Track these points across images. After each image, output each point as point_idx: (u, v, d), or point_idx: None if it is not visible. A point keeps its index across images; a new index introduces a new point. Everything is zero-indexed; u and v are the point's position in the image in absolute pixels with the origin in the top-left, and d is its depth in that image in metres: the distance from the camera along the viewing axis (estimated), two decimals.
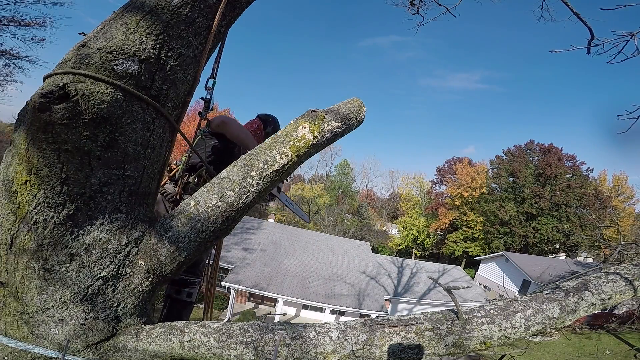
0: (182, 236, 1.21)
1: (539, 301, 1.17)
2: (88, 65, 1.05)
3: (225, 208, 1.23)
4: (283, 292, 15.90)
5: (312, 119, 1.36)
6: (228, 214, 1.24)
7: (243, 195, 1.25)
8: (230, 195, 1.24)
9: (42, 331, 1.12)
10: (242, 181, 1.25)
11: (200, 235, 1.23)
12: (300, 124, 1.34)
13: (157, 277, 1.24)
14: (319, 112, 1.40)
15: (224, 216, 1.24)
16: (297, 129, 1.33)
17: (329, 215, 41.88)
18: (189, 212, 1.23)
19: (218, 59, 1.65)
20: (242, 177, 1.26)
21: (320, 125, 1.36)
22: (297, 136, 1.31)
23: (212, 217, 1.23)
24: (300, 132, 1.32)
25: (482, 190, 36.66)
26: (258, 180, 1.26)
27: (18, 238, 1.07)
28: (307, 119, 1.36)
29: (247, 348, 1.05)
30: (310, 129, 1.33)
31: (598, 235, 15.67)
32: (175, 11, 1.19)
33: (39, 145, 1.00)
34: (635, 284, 1.28)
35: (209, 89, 1.68)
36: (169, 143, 1.37)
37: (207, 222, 1.22)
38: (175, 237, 1.21)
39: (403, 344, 1.05)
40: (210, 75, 1.66)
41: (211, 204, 1.23)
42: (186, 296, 2.12)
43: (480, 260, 30.77)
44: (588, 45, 1.98)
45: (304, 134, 1.32)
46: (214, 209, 1.23)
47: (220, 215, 1.24)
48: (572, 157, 36.06)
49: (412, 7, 4.03)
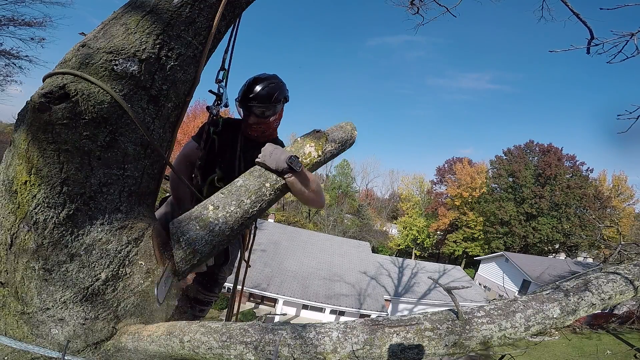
0: (199, 239, 1.24)
1: (539, 301, 1.17)
2: (88, 65, 1.05)
3: (241, 214, 1.30)
4: (283, 292, 15.91)
5: (317, 139, 1.47)
6: (243, 220, 1.31)
7: (257, 204, 1.33)
8: (247, 202, 1.30)
9: (42, 331, 1.12)
10: (257, 190, 1.33)
11: (216, 238, 1.26)
12: (307, 142, 1.45)
13: (156, 277, 1.24)
14: (322, 132, 1.49)
15: (240, 222, 1.30)
16: (304, 147, 1.43)
17: (329, 215, 41.89)
18: (208, 216, 1.27)
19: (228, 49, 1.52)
20: (258, 187, 1.34)
21: (323, 145, 1.46)
22: (304, 153, 1.42)
23: (229, 222, 1.27)
24: (307, 149, 1.43)
25: (482, 191, 36.65)
26: (271, 190, 1.35)
27: (18, 238, 1.07)
28: (313, 139, 1.46)
29: (247, 348, 1.05)
30: (315, 147, 1.44)
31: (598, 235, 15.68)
32: (175, 11, 1.19)
33: (39, 145, 1.00)
34: (635, 284, 1.28)
35: (219, 81, 1.56)
36: (169, 143, 1.37)
37: (225, 227, 1.27)
38: (193, 240, 1.24)
39: (403, 344, 1.05)
40: (221, 67, 1.55)
41: (230, 210, 1.28)
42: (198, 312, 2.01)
43: (480, 260, 30.77)
44: (588, 45, 1.98)
45: (310, 152, 1.43)
46: (232, 215, 1.28)
47: (237, 221, 1.29)
48: (572, 157, 36.07)
49: (412, 7, 4.03)
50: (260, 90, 1.63)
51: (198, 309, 1.97)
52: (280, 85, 1.71)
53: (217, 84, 1.59)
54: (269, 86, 1.66)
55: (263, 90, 1.64)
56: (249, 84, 1.67)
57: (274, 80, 1.69)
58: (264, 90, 1.64)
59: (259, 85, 1.65)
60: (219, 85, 1.60)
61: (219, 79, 1.58)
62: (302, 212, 41.88)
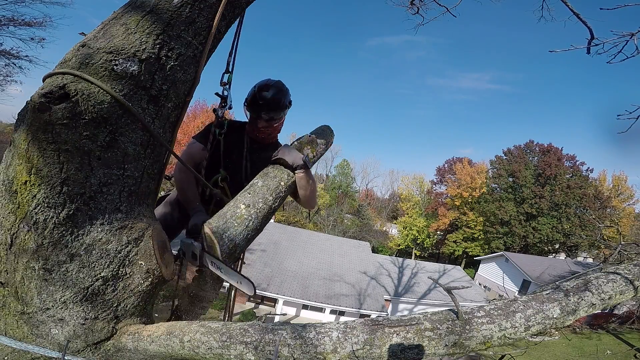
0: (238, 234, 1.42)
1: (539, 301, 1.17)
2: (88, 65, 1.05)
3: (267, 210, 1.52)
4: (283, 292, 15.91)
5: (312, 143, 1.77)
6: (268, 214, 1.54)
7: (277, 200, 1.57)
8: (270, 199, 1.53)
9: (42, 331, 1.12)
10: (276, 189, 1.57)
11: (251, 232, 1.47)
12: (305, 146, 1.73)
13: (156, 277, 1.24)
14: (313, 137, 1.80)
15: (267, 216, 1.52)
16: (303, 149, 1.71)
17: (329, 215, 41.90)
18: (242, 214, 1.45)
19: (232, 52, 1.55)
20: (276, 186, 1.57)
21: (315, 148, 1.78)
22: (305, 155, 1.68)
23: (259, 217, 1.49)
24: (306, 152, 1.70)
25: (482, 191, 36.66)
26: (285, 188, 1.60)
27: (18, 238, 1.07)
28: (308, 143, 1.76)
29: (247, 348, 1.05)
30: (311, 150, 1.75)
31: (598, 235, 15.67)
32: (175, 11, 1.19)
33: (39, 145, 1.00)
34: (635, 284, 1.28)
35: (224, 84, 1.59)
36: (169, 143, 1.37)
37: (257, 222, 1.48)
38: (234, 236, 1.41)
39: (403, 344, 1.05)
40: (225, 70, 1.57)
41: (259, 207, 1.49)
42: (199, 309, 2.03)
43: (480, 260, 30.77)
44: (588, 45, 1.98)
45: (308, 153, 1.71)
46: (261, 211, 1.50)
47: (265, 216, 1.51)
48: (572, 157, 36.08)
49: (412, 7, 4.03)
50: (270, 97, 1.71)
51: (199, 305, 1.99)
52: (286, 92, 1.79)
53: (222, 86, 1.61)
54: (278, 94, 1.74)
55: (272, 98, 1.72)
56: (259, 90, 1.73)
57: (281, 88, 1.77)
58: (273, 97, 1.72)
59: (268, 92, 1.72)
60: (224, 88, 1.62)
61: (223, 82, 1.60)
62: (302, 212, 41.85)
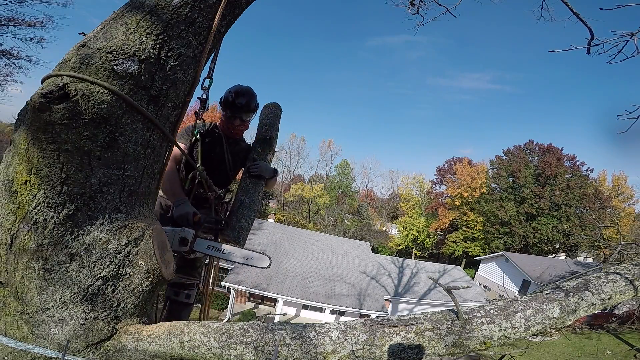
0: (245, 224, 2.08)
1: (539, 301, 1.17)
2: (88, 65, 1.05)
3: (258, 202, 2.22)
4: (283, 292, 15.90)
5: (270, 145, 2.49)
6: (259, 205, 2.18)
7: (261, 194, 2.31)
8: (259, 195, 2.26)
9: (42, 331, 1.12)
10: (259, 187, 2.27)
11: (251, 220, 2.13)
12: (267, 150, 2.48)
13: (156, 277, 1.24)
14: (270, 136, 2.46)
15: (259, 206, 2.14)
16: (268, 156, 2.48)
17: (329, 215, 41.88)
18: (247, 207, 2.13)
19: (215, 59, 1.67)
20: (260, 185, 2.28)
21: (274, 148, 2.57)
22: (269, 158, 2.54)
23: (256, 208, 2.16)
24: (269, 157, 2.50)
25: (482, 191, 36.63)
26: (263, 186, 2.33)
27: (18, 238, 1.07)
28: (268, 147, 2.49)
29: (247, 348, 1.05)
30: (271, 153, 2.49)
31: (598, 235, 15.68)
32: (175, 11, 1.19)
33: (39, 145, 1.00)
34: (635, 284, 1.28)
35: (205, 89, 1.70)
36: (169, 143, 1.37)
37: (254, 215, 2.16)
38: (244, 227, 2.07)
39: (403, 344, 1.05)
40: (207, 75, 1.68)
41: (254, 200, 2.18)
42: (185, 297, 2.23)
43: (480, 260, 30.76)
44: (588, 45, 1.98)
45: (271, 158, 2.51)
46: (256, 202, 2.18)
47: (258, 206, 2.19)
48: (572, 157, 36.06)
49: (412, 7, 4.02)
50: (245, 102, 2.19)
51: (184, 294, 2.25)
52: (256, 96, 2.27)
53: (203, 90, 1.70)
54: (252, 99, 2.22)
55: (248, 102, 2.20)
56: (236, 95, 2.17)
57: (253, 93, 2.24)
58: (248, 102, 2.20)
59: (244, 98, 2.18)
60: (204, 92, 1.73)
61: (204, 87, 1.69)
62: (302, 212, 41.87)
